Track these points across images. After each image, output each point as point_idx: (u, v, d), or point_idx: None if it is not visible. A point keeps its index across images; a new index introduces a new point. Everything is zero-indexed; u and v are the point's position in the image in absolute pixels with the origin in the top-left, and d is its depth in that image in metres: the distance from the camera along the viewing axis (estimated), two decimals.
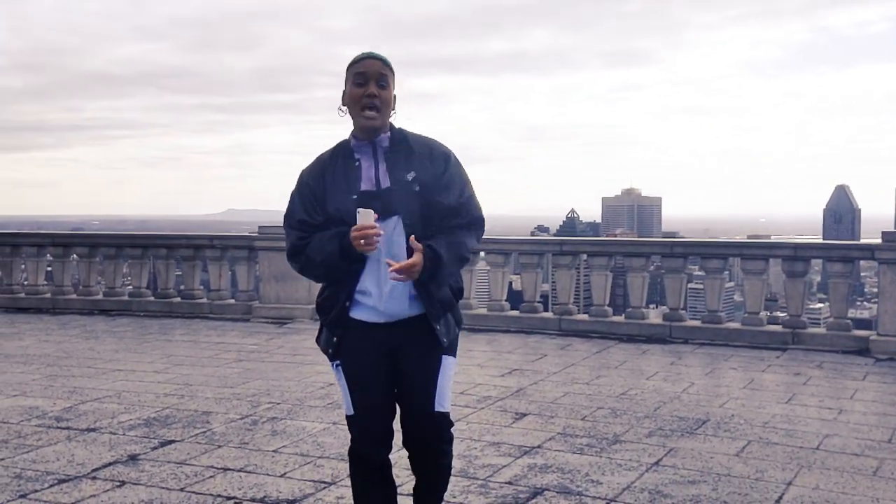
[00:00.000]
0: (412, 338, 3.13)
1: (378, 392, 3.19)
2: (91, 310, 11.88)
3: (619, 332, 9.70)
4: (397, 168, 3.10)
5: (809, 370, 7.86)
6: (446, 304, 3.17)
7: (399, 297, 3.08)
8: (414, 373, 3.17)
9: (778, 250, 9.41)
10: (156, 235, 12.14)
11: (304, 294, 10.87)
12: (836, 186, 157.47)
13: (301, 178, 3.22)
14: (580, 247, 10.45)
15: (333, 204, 3.09)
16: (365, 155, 3.14)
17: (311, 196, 3.15)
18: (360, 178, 3.11)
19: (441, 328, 3.13)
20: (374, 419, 3.21)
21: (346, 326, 3.12)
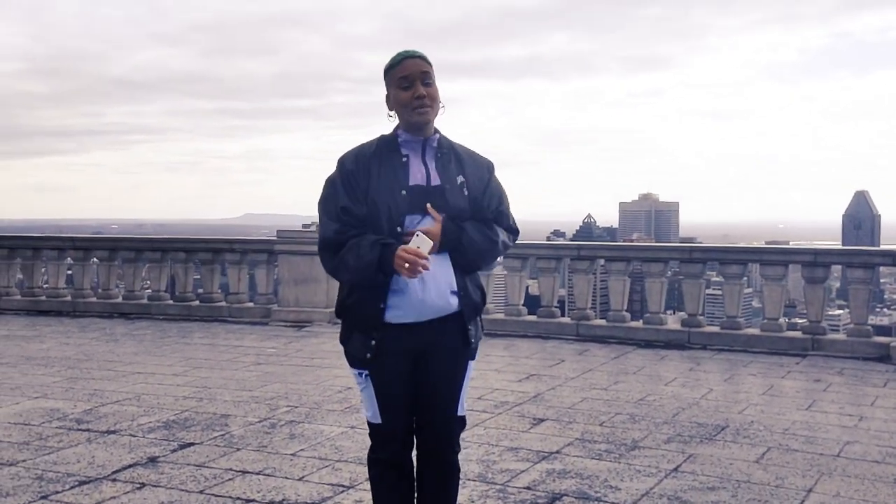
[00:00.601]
0: (444, 338, 3.09)
1: (406, 401, 3.16)
2: (111, 313, 11.96)
3: (637, 338, 9.67)
4: (448, 169, 3.10)
5: (829, 377, 7.81)
6: (478, 308, 3.17)
7: (441, 289, 3.02)
8: (441, 375, 3.14)
9: (798, 256, 9.36)
10: (175, 239, 12.22)
11: (322, 298, 10.91)
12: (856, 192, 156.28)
13: (342, 165, 3.11)
14: (598, 251, 10.45)
15: (381, 196, 3.02)
16: (413, 152, 3.11)
17: (355, 185, 3.05)
18: (409, 174, 3.07)
19: (472, 329, 3.14)
20: (400, 427, 3.18)
21: (382, 329, 3.03)
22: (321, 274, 10.88)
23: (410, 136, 3.11)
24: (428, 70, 3.08)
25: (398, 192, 3.03)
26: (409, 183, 3.05)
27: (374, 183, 3.04)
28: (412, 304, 3.01)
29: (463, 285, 3.08)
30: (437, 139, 3.14)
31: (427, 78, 3.07)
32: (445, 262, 3.05)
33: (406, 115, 3.08)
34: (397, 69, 3.07)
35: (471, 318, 3.13)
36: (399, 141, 3.12)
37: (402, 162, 3.09)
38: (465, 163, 3.15)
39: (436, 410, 3.18)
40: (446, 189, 3.05)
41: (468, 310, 3.10)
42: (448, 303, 3.05)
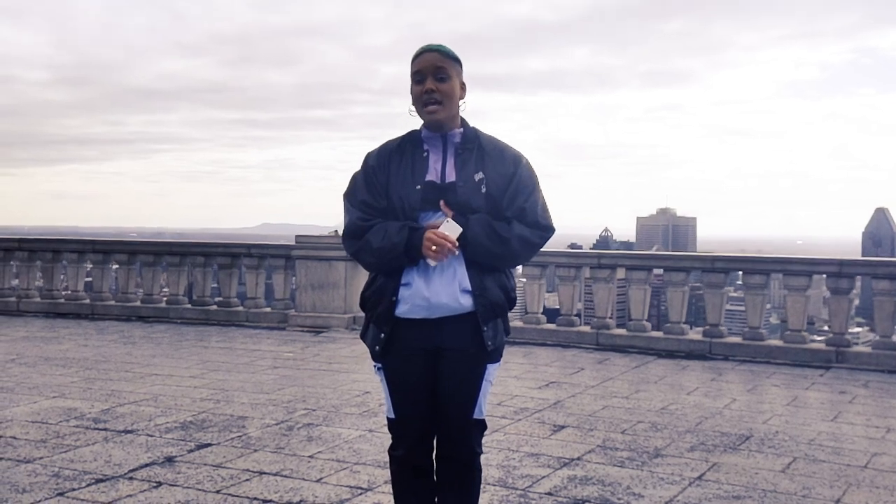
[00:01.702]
0: (458, 338, 3.02)
1: (420, 396, 3.10)
2: (129, 316, 11.97)
3: (658, 348, 9.56)
4: (467, 166, 3.02)
5: (855, 389, 7.68)
6: (498, 308, 3.05)
7: (448, 287, 2.97)
8: (457, 377, 3.07)
9: (822, 266, 9.22)
10: (194, 243, 12.23)
11: (339, 303, 10.87)
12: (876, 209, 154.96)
13: (366, 161, 3.12)
14: (618, 260, 10.33)
15: (397, 191, 3.00)
16: (434, 147, 3.06)
17: (375, 180, 3.05)
18: (426, 170, 3.03)
19: (488, 331, 3.02)
20: (415, 423, 3.12)
21: (393, 323, 3.02)
22: (339, 279, 10.86)
23: (431, 133, 3.07)
24: (443, 65, 3.00)
25: (412, 188, 3.00)
26: (425, 178, 3.02)
27: (393, 177, 3.04)
28: (419, 300, 2.98)
29: (479, 284, 2.99)
30: (461, 133, 3.07)
31: (442, 73, 2.99)
32: (456, 259, 2.97)
33: (420, 111, 3.05)
34: (414, 63, 3.04)
35: (487, 320, 3.02)
36: (422, 136, 3.09)
37: (423, 157, 3.05)
38: (488, 158, 3.05)
39: (452, 413, 3.11)
40: (458, 186, 2.99)
41: (484, 310, 3.00)
42: (458, 302, 2.98)
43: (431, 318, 3.00)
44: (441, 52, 3.03)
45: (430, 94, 2.98)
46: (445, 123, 3.04)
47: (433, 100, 2.98)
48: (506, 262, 3.07)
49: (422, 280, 2.98)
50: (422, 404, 3.11)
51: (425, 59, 3.02)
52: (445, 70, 3.01)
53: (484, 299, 3.00)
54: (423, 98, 3.00)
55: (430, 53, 3.02)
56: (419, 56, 3.04)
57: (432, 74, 2.99)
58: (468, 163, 3.04)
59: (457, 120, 3.09)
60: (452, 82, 3.03)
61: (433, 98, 2.98)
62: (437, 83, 2.99)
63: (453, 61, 3.05)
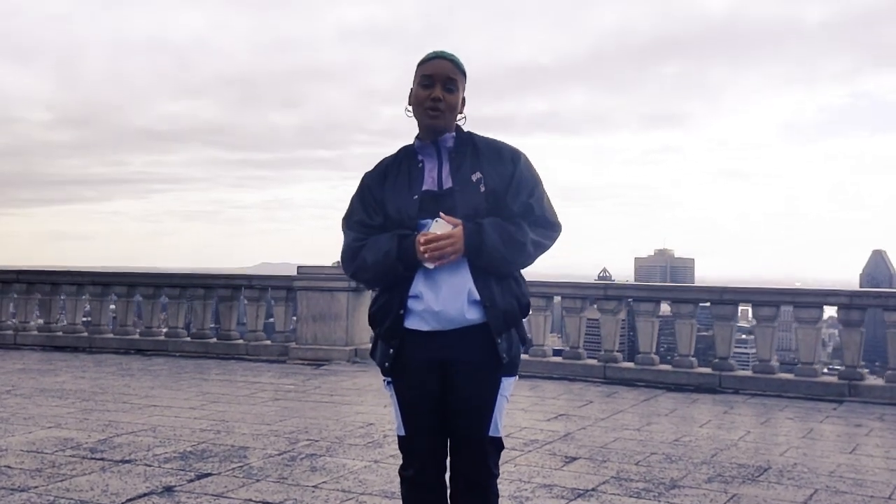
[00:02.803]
0: (470, 351, 2.87)
1: (432, 412, 2.95)
2: (127, 349, 11.79)
3: (667, 381, 9.38)
4: (462, 168, 2.91)
5: (870, 422, 7.50)
6: (510, 318, 2.91)
7: (456, 298, 2.83)
8: (469, 391, 2.91)
9: (832, 298, 9.07)
10: (194, 275, 12.07)
11: (341, 335, 10.70)
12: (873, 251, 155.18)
13: (362, 181, 3.05)
14: (625, 291, 10.17)
15: (394, 204, 2.91)
16: (428, 156, 2.96)
17: (370, 197, 2.98)
18: (422, 179, 2.93)
19: (502, 343, 2.88)
20: (426, 440, 2.97)
21: (401, 337, 2.89)
22: (341, 310, 10.70)
23: (424, 141, 2.98)
24: (455, 77, 2.93)
25: (410, 199, 2.90)
26: (422, 188, 2.91)
27: (389, 191, 2.96)
28: (428, 312, 2.85)
29: (489, 294, 2.85)
30: (453, 137, 2.97)
31: (451, 84, 2.92)
32: (462, 268, 2.84)
33: (418, 114, 2.95)
34: (425, 66, 2.94)
35: (501, 331, 2.87)
36: (415, 146, 3.00)
37: (418, 168, 2.96)
38: (484, 156, 2.95)
39: (466, 430, 2.94)
40: (456, 191, 2.88)
41: (496, 322, 2.85)
42: (468, 314, 2.84)
43: (441, 330, 2.86)
44: (454, 63, 2.95)
45: (436, 103, 2.90)
46: (440, 130, 2.94)
47: (437, 108, 2.90)
48: (519, 266, 2.95)
49: (430, 291, 2.85)
50: (433, 420, 2.96)
51: (438, 65, 2.93)
52: (455, 82, 2.93)
53: (495, 310, 2.86)
54: (427, 104, 2.91)
55: (443, 61, 2.94)
56: (430, 61, 2.94)
57: (441, 83, 2.91)
58: (464, 165, 2.93)
59: (451, 128, 2.98)
60: (458, 94, 2.95)
61: (437, 107, 2.90)
62: (445, 93, 2.91)
63: (462, 75, 2.98)
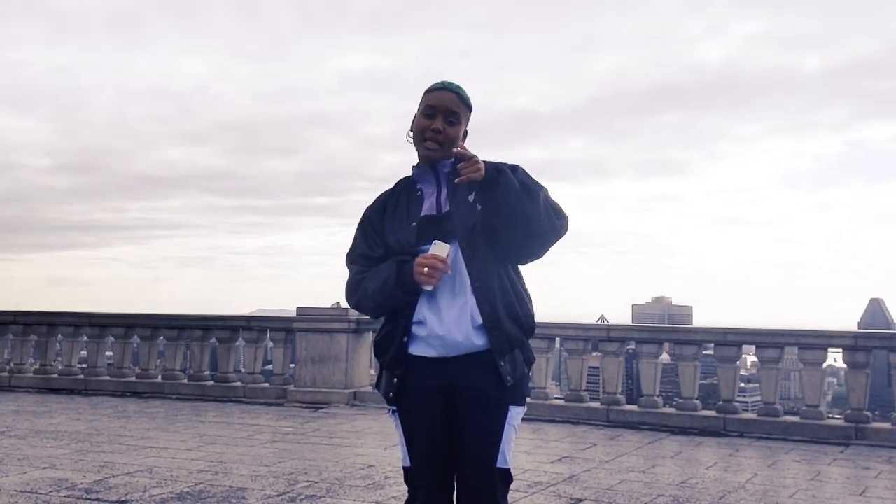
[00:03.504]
0: (475, 377, 2.81)
1: (438, 442, 2.88)
2: (123, 392, 11.65)
3: (671, 424, 9.25)
4: (459, 190, 2.89)
5: (878, 465, 7.37)
6: (514, 340, 2.85)
7: (460, 322, 2.79)
8: (476, 420, 2.84)
9: (837, 339, 8.98)
10: (192, 316, 11.93)
11: (340, 378, 10.58)
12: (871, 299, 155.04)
13: (364, 214, 3.06)
14: (628, 333, 10.07)
15: (393, 235, 2.90)
16: (426, 182, 2.95)
17: (371, 230, 2.98)
18: (421, 206, 2.92)
19: (506, 365, 2.81)
20: (432, 470, 2.88)
21: (405, 364, 2.84)
22: (340, 352, 10.60)
23: (422, 168, 2.97)
24: (458, 110, 2.91)
25: (409, 226, 2.89)
26: (421, 214, 2.90)
27: (388, 223, 2.96)
28: (433, 338, 2.80)
29: (492, 316, 2.79)
30: (450, 162, 2.92)
31: (453, 117, 2.90)
32: (465, 293, 2.80)
33: (417, 143, 2.95)
34: (430, 96, 2.93)
35: (504, 353, 2.81)
36: (413, 174, 3.00)
37: (417, 196, 2.95)
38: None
39: (472, 460, 2.85)
40: (453, 213, 2.86)
41: (499, 343, 2.79)
42: (471, 339, 2.79)
43: (446, 356, 2.81)
44: (459, 96, 2.93)
45: (436, 134, 2.88)
46: (436, 160, 2.92)
47: (436, 140, 2.88)
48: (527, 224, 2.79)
49: (434, 317, 2.81)
50: (439, 449, 2.88)
51: (442, 97, 2.92)
52: (458, 115, 2.92)
53: (498, 332, 2.81)
54: (427, 134, 2.89)
55: (448, 93, 2.92)
56: (436, 91, 2.94)
57: (444, 115, 2.90)
58: (461, 187, 2.89)
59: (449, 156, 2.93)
60: (459, 128, 2.94)
61: (437, 139, 2.88)
62: (446, 125, 2.89)
63: (467, 108, 2.97)
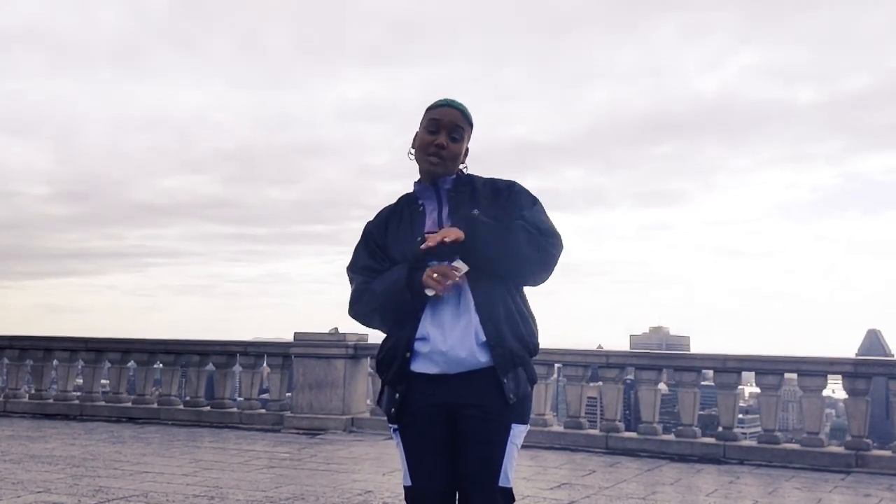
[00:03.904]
0: (478, 395, 2.79)
1: (439, 461, 2.85)
2: (118, 417, 11.58)
3: (670, 452, 9.19)
4: (461, 207, 2.90)
5: (880, 492, 7.32)
6: (518, 358, 2.84)
7: (464, 339, 2.77)
8: (479, 437, 2.81)
9: (836, 366, 8.96)
10: (189, 341, 11.88)
11: (338, 404, 10.52)
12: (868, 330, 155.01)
13: (365, 229, 3.06)
14: (628, 360, 10.04)
15: (397, 248, 2.90)
16: (428, 199, 2.96)
17: (374, 245, 2.98)
18: (424, 222, 2.92)
19: (509, 383, 2.80)
20: (433, 489, 2.85)
21: (407, 381, 2.82)
22: (338, 378, 10.55)
23: (424, 185, 2.98)
24: (462, 126, 2.93)
25: (412, 241, 2.87)
26: (425, 230, 2.89)
27: (392, 238, 2.95)
28: (436, 354, 2.78)
29: (495, 334, 2.78)
30: (452, 179, 2.96)
31: (457, 132, 2.92)
32: (468, 309, 2.79)
33: (420, 158, 2.96)
34: (433, 111, 2.95)
35: (507, 370, 2.79)
36: (415, 190, 3.01)
37: (419, 212, 2.96)
38: (480, 193, 2.94)
39: (475, 479, 2.82)
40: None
41: (502, 360, 2.78)
42: (474, 356, 2.77)
43: (449, 373, 2.79)
44: (462, 113, 2.95)
45: (440, 150, 2.89)
46: (439, 175, 2.93)
47: (440, 155, 2.90)
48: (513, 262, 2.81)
49: (437, 332, 2.79)
50: (441, 468, 2.85)
51: (446, 112, 2.93)
52: (461, 131, 2.94)
53: (501, 349, 2.79)
54: (430, 149, 2.91)
55: (452, 109, 2.94)
56: (440, 107, 2.95)
57: (447, 130, 2.91)
58: (462, 204, 2.91)
59: (451, 173, 2.96)
60: (462, 144, 2.96)
61: (440, 154, 2.90)
62: (450, 141, 2.91)
63: (469, 125, 2.98)
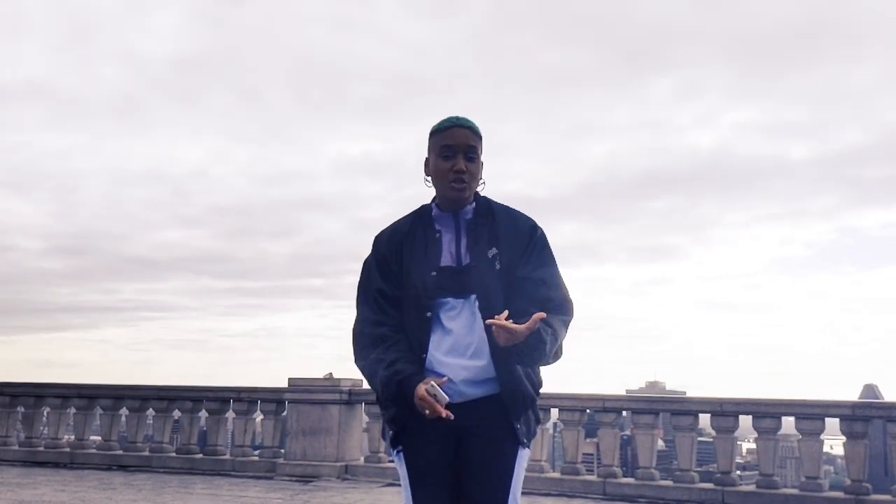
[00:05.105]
0: (486, 422, 2.77)
1: (444, 486, 2.80)
2: (109, 465, 11.41)
3: (668, 497, 9.07)
4: (479, 243, 2.84)
5: None
6: (528, 400, 2.82)
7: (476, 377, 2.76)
8: (486, 464, 2.78)
9: (834, 409, 8.89)
10: (182, 387, 11.74)
11: (332, 451, 10.38)
12: (865, 385, 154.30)
13: (376, 246, 2.96)
14: (624, 404, 9.94)
15: (412, 278, 2.82)
16: (446, 227, 2.89)
17: (387, 267, 2.89)
18: (440, 253, 2.85)
19: (521, 427, 2.79)
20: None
21: (413, 405, 2.73)
22: (332, 424, 10.44)
23: (443, 211, 2.92)
24: (475, 144, 2.87)
25: (428, 274, 2.82)
26: (440, 263, 2.84)
27: (407, 263, 2.87)
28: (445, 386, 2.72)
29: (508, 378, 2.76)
30: (472, 209, 2.91)
31: (472, 152, 2.86)
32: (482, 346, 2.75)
33: (441, 187, 2.89)
34: (443, 135, 2.87)
35: (519, 414, 2.79)
36: (433, 215, 2.93)
37: (435, 238, 2.89)
38: (501, 230, 2.87)
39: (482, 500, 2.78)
40: (472, 267, 2.81)
41: (514, 403, 2.77)
42: (484, 388, 2.77)
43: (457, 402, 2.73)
44: (472, 130, 2.88)
45: (461, 175, 2.83)
46: (463, 200, 2.88)
47: (462, 180, 2.84)
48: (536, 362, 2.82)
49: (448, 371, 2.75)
50: (444, 492, 2.80)
51: (457, 134, 2.86)
52: (475, 149, 2.88)
53: (515, 392, 2.78)
54: (451, 176, 2.84)
55: (462, 130, 2.86)
56: (449, 129, 2.87)
57: (463, 153, 2.85)
58: (481, 239, 2.85)
59: (471, 197, 2.93)
60: (478, 162, 2.90)
61: (462, 178, 2.84)
62: (467, 162, 2.85)
63: (480, 140, 2.91)
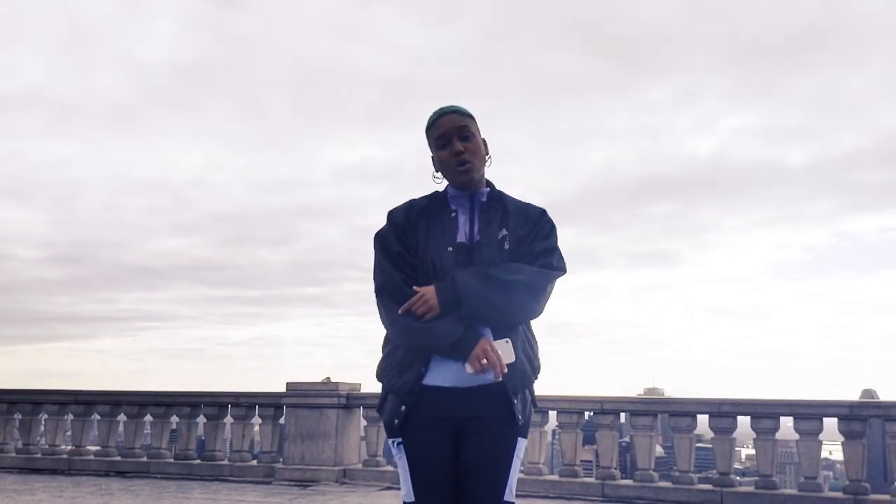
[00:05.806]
0: (488, 411, 2.79)
1: (444, 477, 2.80)
2: (107, 471, 11.36)
3: (667, 499, 9.06)
4: (491, 224, 2.91)
5: None
6: (525, 378, 2.86)
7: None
8: (486, 453, 2.79)
9: (832, 409, 8.88)
10: (180, 393, 11.71)
11: (330, 455, 10.36)
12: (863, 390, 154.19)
13: (393, 218, 2.97)
14: (622, 405, 9.92)
15: (429, 253, 2.86)
16: (462, 207, 2.96)
17: (403, 234, 2.92)
18: (456, 230, 2.91)
19: (518, 403, 2.81)
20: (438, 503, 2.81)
21: (418, 394, 2.78)
22: (330, 428, 10.42)
23: (458, 192, 2.98)
24: (465, 124, 2.93)
25: (445, 250, 2.87)
26: (457, 240, 2.89)
27: (423, 239, 2.91)
28: (451, 367, 2.76)
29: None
30: (487, 193, 2.98)
31: (465, 132, 2.92)
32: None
33: (450, 174, 2.96)
34: (434, 128, 2.95)
35: (516, 391, 2.81)
36: (448, 196, 2.99)
37: (451, 217, 2.94)
38: (511, 215, 2.95)
39: (480, 493, 2.79)
40: (483, 245, 2.87)
41: (512, 380, 2.78)
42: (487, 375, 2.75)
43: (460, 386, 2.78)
44: (458, 113, 2.94)
45: (461, 156, 2.89)
46: (475, 181, 2.95)
47: (464, 160, 2.90)
48: (518, 308, 2.82)
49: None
50: (445, 482, 2.80)
51: (446, 121, 2.93)
52: (468, 128, 2.93)
53: (512, 369, 2.77)
54: (453, 161, 2.91)
55: (448, 116, 2.94)
56: (437, 121, 2.95)
57: (457, 136, 2.91)
58: (493, 221, 2.93)
59: (483, 180, 3.00)
60: (476, 139, 2.95)
61: (464, 159, 2.90)
62: (464, 143, 2.91)
63: (471, 119, 2.97)
